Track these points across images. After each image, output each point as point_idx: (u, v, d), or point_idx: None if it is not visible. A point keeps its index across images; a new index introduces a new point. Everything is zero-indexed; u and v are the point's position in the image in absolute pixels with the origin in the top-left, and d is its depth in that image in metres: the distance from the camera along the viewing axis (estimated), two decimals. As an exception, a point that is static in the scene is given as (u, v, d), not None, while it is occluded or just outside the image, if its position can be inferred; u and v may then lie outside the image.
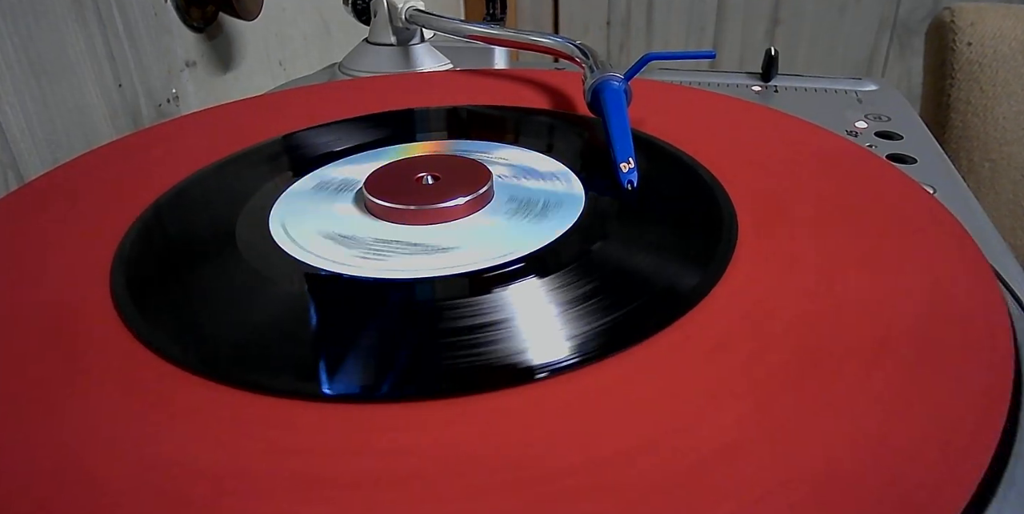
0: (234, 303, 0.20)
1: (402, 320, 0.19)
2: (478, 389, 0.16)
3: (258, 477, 0.14)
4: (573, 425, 0.15)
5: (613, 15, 1.11)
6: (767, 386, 0.16)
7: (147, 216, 0.24)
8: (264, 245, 0.22)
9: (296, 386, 0.16)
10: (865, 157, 0.26)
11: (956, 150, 0.62)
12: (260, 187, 0.26)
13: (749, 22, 1.07)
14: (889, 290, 0.19)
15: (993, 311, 0.18)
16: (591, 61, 0.32)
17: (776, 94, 0.43)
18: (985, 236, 0.27)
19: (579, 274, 0.20)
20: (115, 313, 0.19)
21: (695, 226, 0.22)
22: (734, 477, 0.14)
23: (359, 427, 0.15)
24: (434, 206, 0.23)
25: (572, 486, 0.14)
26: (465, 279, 0.20)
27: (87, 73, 0.40)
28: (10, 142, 0.36)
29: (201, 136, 0.31)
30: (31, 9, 0.36)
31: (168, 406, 0.16)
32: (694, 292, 0.19)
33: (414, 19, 0.43)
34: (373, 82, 0.37)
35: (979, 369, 0.16)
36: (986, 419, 0.15)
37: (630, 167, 0.24)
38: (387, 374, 0.17)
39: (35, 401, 0.16)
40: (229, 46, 0.53)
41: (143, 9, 0.44)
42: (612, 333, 0.18)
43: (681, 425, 0.15)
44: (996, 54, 0.60)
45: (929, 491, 0.13)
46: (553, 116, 0.31)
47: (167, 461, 0.15)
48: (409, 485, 0.14)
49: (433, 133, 0.30)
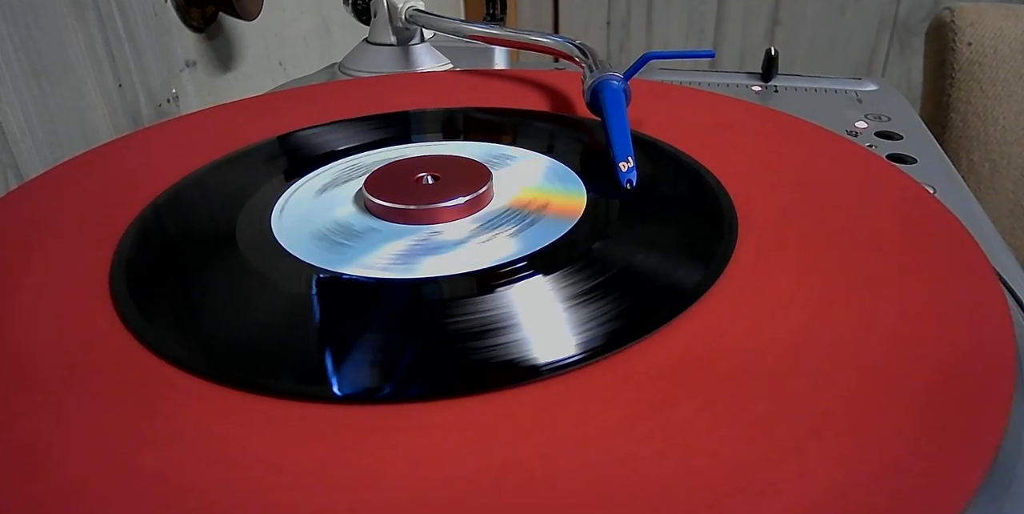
0: (234, 303, 0.20)
1: (402, 320, 0.19)
2: (481, 389, 0.16)
3: (258, 477, 0.14)
4: (575, 425, 0.15)
5: (613, 15, 1.11)
6: (768, 385, 0.16)
7: (147, 216, 0.24)
8: (264, 245, 0.22)
9: (297, 387, 0.16)
10: (865, 157, 0.27)
11: (956, 150, 0.62)
12: (260, 187, 0.26)
13: (749, 22, 1.07)
14: (889, 288, 0.19)
15: (994, 312, 0.18)
16: (590, 61, 0.32)
17: (776, 94, 0.43)
18: (985, 236, 0.27)
19: (579, 274, 0.20)
20: (115, 313, 0.19)
21: (695, 224, 0.22)
22: (735, 476, 0.14)
23: (361, 428, 0.15)
24: (434, 206, 0.23)
25: (577, 485, 0.14)
26: (466, 279, 0.20)
27: (87, 73, 0.40)
28: (10, 142, 0.36)
29: (201, 136, 0.31)
30: (31, 9, 0.36)
31: (167, 407, 0.16)
32: (695, 290, 0.19)
33: (414, 19, 0.43)
34: (373, 82, 0.37)
35: (979, 369, 0.16)
36: (987, 419, 0.15)
37: (629, 166, 0.24)
38: (389, 375, 0.17)
39: (35, 401, 0.16)
40: (229, 46, 0.53)
41: (143, 9, 0.44)
42: (613, 332, 0.18)
43: (683, 424, 0.15)
44: (996, 54, 0.60)
45: (930, 491, 0.13)
46: (553, 116, 0.31)
47: (167, 460, 0.15)
48: (412, 486, 0.14)
49: (432, 134, 0.30)
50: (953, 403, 0.15)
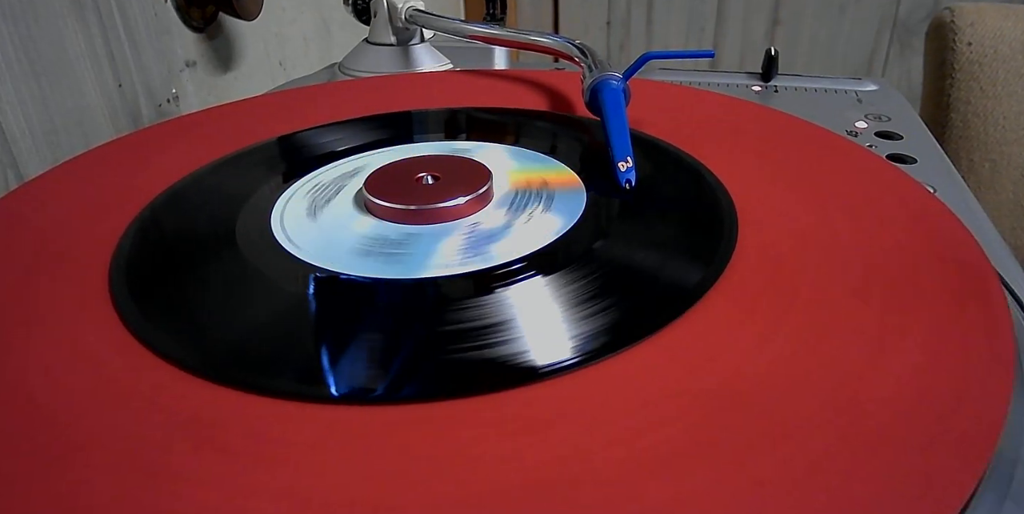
0: (234, 303, 0.20)
1: (402, 321, 0.18)
2: (480, 390, 0.16)
3: (257, 478, 0.14)
4: (577, 424, 0.15)
5: (613, 15, 1.11)
6: (768, 384, 0.16)
7: (146, 216, 0.24)
8: (264, 245, 0.22)
9: (295, 387, 0.16)
10: (865, 157, 0.27)
11: (956, 150, 0.62)
12: (260, 187, 0.26)
13: (749, 22, 1.07)
14: (889, 288, 0.19)
15: (995, 312, 0.18)
16: (590, 61, 0.32)
17: (776, 94, 0.43)
18: (985, 236, 0.27)
19: (578, 274, 0.20)
20: (115, 313, 0.19)
21: (695, 224, 0.22)
22: (734, 475, 0.14)
23: (360, 428, 0.15)
24: (434, 206, 0.23)
25: (576, 484, 0.14)
26: (466, 279, 0.20)
27: (87, 73, 0.40)
28: (10, 142, 0.36)
29: (201, 136, 0.31)
30: (31, 9, 0.36)
31: (166, 406, 0.16)
32: (695, 290, 0.19)
33: (414, 19, 0.43)
34: (373, 82, 0.37)
35: (979, 368, 0.16)
36: (987, 420, 0.15)
37: (628, 166, 0.24)
38: (386, 375, 0.17)
39: (34, 401, 0.16)
40: (229, 46, 0.53)
41: (143, 9, 0.44)
42: (614, 332, 0.18)
43: (683, 423, 0.15)
44: (996, 54, 0.60)
45: (931, 491, 0.13)
46: (553, 116, 0.31)
47: (167, 461, 0.15)
48: (411, 485, 0.14)
49: (432, 134, 0.30)
50: (953, 403, 0.15)
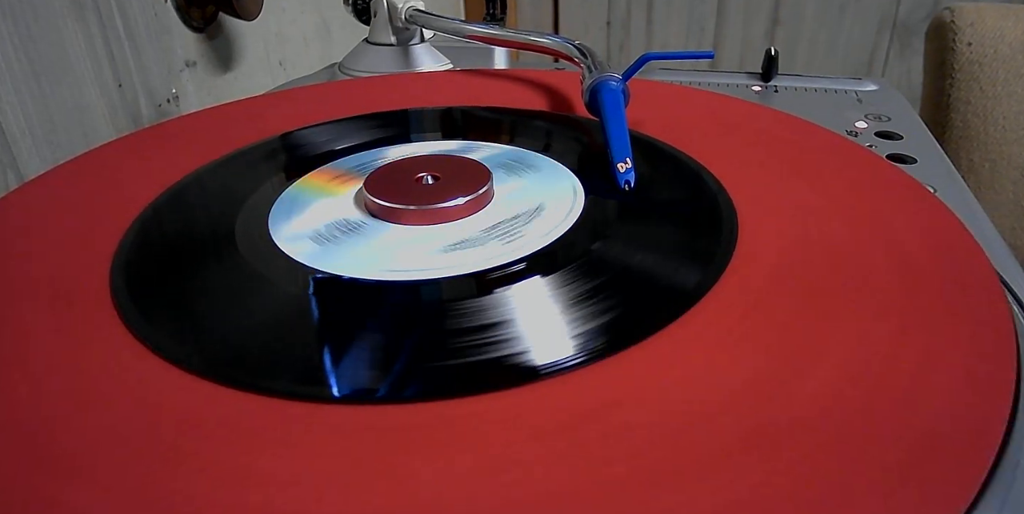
0: (234, 303, 0.20)
1: (402, 321, 0.18)
2: (481, 390, 0.16)
3: (257, 477, 0.14)
4: (577, 423, 0.15)
5: (613, 15, 1.11)
6: (768, 385, 0.16)
7: (146, 216, 0.24)
8: (264, 245, 0.22)
9: (296, 388, 0.16)
10: (866, 157, 0.26)
11: (956, 150, 0.62)
12: (259, 186, 0.26)
13: (749, 22, 1.07)
14: (889, 288, 0.19)
15: (995, 312, 0.18)
16: (589, 61, 0.32)
17: (776, 94, 0.43)
18: (985, 236, 0.27)
19: (579, 274, 0.20)
20: (115, 313, 0.19)
21: (695, 225, 0.22)
22: (735, 475, 0.14)
23: (359, 428, 0.15)
24: (434, 206, 0.23)
25: (576, 484, 0.14)
26: (466, 279, 0.20)
27: (87, 73, 0.40)
28: (10, 142, 0.36)
29: (201, 136, 0.31)
30: (31, 9, 0.36)
31: (166, 406, 0.16)
32: (695, 290, 0.19)
33: (414, 19, 0.43)
34: (373, 82, 0.37)
35: (980, 368, 0.16)
36: (988, 420, 0.15)
37: (627, 167, 0.24)
38: (387, 375, 0.17)
39: (35, 401, 0.16)
40: (229, 46, 0.53)
41: (143, 9, 0.44)
42: (614, 332, 0.18)
43: (686, 423, 0.15)
44: (996, 54, 0.60)
45: (931, 490, 0.13)
46: (552, 116, 0.31)
47: (167, 461, 0.15)
48: (411, 486, 0.14)
49: (431, 133, 0.30)
50: (952, 403, 0.15)
